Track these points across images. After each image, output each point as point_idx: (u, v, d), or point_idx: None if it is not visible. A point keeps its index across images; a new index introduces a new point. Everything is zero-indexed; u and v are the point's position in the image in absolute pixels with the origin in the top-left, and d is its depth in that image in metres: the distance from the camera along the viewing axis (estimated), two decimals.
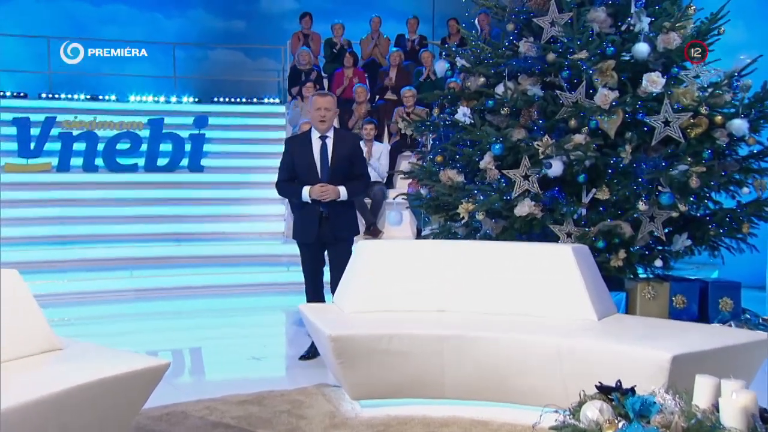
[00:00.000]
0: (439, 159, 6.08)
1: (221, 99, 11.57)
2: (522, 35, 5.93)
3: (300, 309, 4.49)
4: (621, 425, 2.25)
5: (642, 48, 5.35)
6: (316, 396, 4.10)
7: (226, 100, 11.58)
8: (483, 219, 5.53)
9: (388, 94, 10.22)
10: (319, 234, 4.97)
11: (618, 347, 3.45)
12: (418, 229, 8.50)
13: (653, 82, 5.26)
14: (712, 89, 5.36)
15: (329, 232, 4.97)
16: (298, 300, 5.10)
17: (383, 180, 8.93)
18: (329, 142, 5.00)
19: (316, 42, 11.18)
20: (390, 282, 4.29)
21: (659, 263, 5.49)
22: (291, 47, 11.45)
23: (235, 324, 6.81)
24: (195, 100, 11.49)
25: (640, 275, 5.67)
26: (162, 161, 10.16)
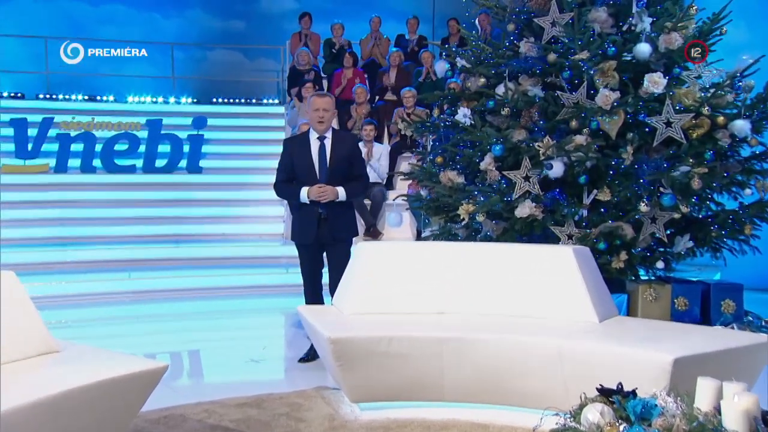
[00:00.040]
0: (440, 160, 6.07)
1: (220, 100, 11.56)
2: (523, 35, 5.92)
3: (299, 311, 4.48)
4: (622, 428, 2.26)
5: (643, 48, 5.33)
6: (315, 399, 4.09)
7: (224, 100, 11.57)
8: (483, 220, 5.52)
9: (387, 94, 10.18)
10: (318, 235, 4.96)
11: (619, 349, 3.44)
12: (418, 231, 8.47)
13: (655, 82, 5.24)
14: (714, 90, 5.34)
15: (328, 233, 4.96)
16: (297, 302, 5.08)
17: (383, 181, 8.91)
18: (328, 142, 4.99)
19: (315, 42, 11.16)
20: (390, 284, 4.29)
21: (661, 265, 5.46)
22: (290, 47, 11.42)
23: (234, 326, 6.80)
24: (193, 100, 11.48)
25: (641, 277, 5.65)
26: (160, 162, 10.14)
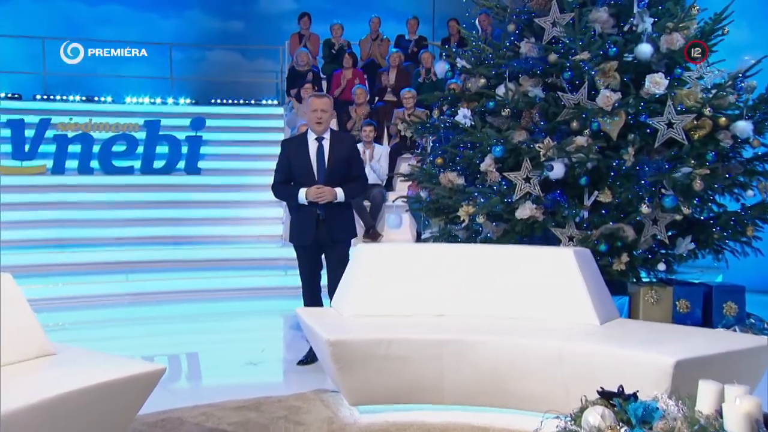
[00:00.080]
0: (439, 161, 6.05)
1: (218, 100, 11.54)
2: (523, 36, 5.90)
3: (297, 313, 4.46)
4: (623, 431, 2.25)
5: (645, 49, 5.30)
6: (314, 402, 4.08)
7: (223, 101, 11.55)
8: (484, 222, 5.50)
9: (387, 95, 10.16)
10: (316, 236, 4.96)
11: (620, 352, 3.44)
12: (417, 233, 8.45)
13: (656, 83, 5.22)
14: (716, 90, 5.32)
15: (326, 234, 4.95)
16: (296, 304, 5.07)
17: (383, 182, 8.88)
18: (326, 143, 4.99)
19: (314, 43, 11.14)
20: (389, 286, 4.28)
21: (662, 267, 5.44)
22: (289, 48, 11.40)
23: (232, 328, 6.77)
24: (192, 101, 11.46)
25: (643, 279, 5.63)
26: (158, 163, 10.10)
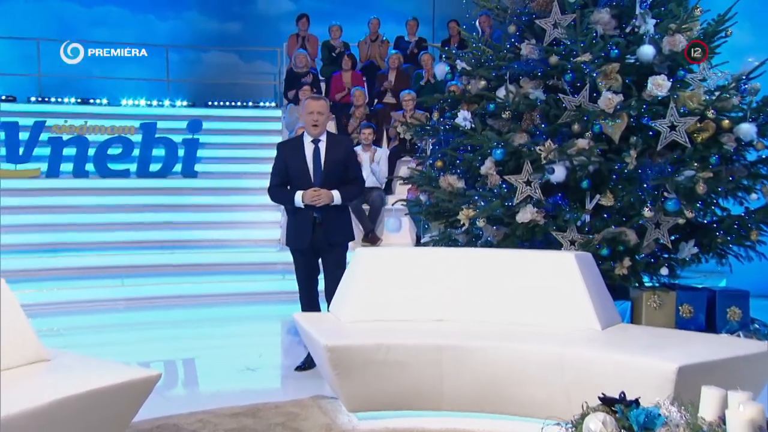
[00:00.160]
0: (439, 164, 6.01)
1: (216, 103, 11.52)
2: (524, 37, 5.86)
3: (295, 318, 4.43)
4: None
5: (647, 50, 5.27)
6: (311, 408, 4.06)
7: (220, 103, 11.53)
8: (484, 226, 5.46)
9: (387, 97, 10.13)
10: (313, 240, 4.94)
11: (622, 357, 3.42)
12: (417, 236, 8.44)
13: (659, 85, 5.18)
14: (719, 92, 5.29)
15: (323, 237, 4.93)
16: (293, 309, 5.04)
17: (382, 186, 8.86)
18: (322, 146, 4.98)
19: (313, 44, 11.12)
20: (388, 290, 4.25)
21: (665, 271, 5.40)
22: (287, 50, 11.39)
23: (229, 334, 6.73)
24: (189, 103, 11.46)
25: (645, 284, 5.59)
26: (155, 167, 10.06)
